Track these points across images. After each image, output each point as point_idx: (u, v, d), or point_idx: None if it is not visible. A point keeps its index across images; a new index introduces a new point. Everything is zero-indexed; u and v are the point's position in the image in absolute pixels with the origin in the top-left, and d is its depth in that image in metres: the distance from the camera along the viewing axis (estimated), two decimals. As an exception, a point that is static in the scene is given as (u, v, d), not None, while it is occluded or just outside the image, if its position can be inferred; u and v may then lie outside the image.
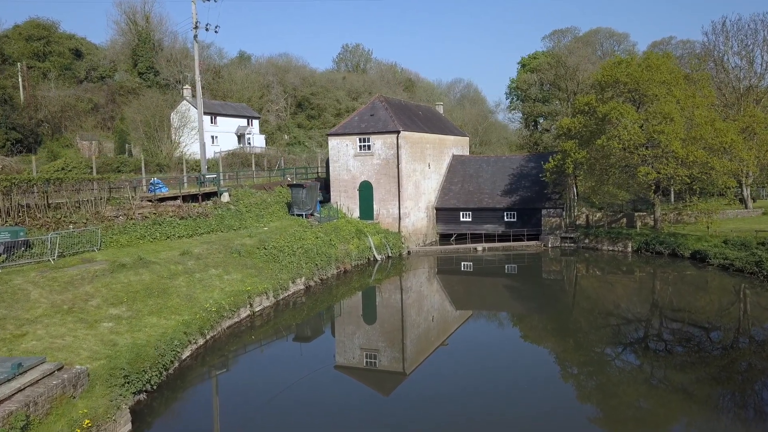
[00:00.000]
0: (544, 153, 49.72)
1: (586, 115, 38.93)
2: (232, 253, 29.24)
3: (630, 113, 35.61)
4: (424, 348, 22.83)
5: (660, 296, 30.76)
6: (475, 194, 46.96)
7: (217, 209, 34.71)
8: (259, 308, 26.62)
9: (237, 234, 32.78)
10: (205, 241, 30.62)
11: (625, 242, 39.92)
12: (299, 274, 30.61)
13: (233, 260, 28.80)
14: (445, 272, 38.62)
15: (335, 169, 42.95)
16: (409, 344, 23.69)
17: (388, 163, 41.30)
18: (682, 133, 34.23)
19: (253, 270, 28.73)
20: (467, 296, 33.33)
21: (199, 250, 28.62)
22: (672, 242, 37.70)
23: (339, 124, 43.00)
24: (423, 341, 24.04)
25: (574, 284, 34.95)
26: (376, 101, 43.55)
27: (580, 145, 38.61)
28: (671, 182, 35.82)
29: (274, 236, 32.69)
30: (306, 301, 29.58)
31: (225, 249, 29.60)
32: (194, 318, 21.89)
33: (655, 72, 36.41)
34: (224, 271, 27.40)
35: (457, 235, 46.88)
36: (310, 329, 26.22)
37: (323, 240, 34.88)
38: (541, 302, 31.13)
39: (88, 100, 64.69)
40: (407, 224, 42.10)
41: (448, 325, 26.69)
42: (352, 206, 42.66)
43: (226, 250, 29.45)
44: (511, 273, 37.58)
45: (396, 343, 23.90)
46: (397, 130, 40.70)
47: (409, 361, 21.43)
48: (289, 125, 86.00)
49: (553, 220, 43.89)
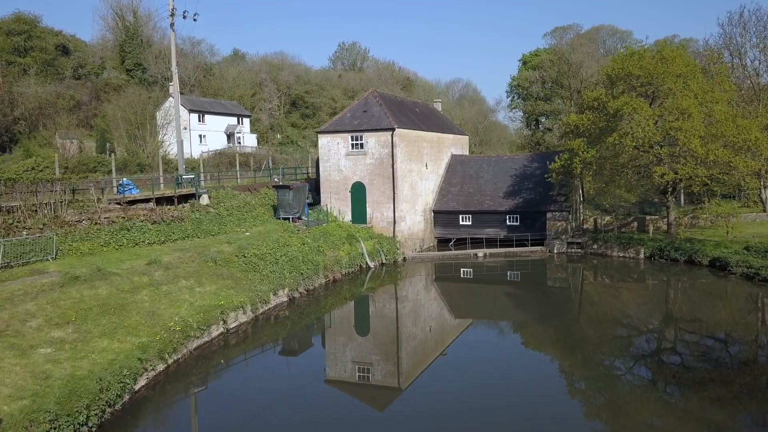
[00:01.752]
0: (548, 152, 46.94)
1: (595, 111, 36.10)
2: (206, 262, 26.35)
3: (644, 109, 32.79)
4: (421, 361, 21.25)
5: (675, 307, 28.42)
6: (476, 196, 44.11)
7: (194, 213, 31.84)
8: (235, 325, 23.72)
9: (215, 240, 29.88)
10: (179, 248, 27.72)
11: (637, 248, 37.07)
12: (282, 284, 27.71)
13: (208, 270, 25.91)
14: (443, 279, 35.87)
15: (325, 169, 40.08)
16: (405, 357, 22.01)
17: (383, 162, 38.43)
18: (702, 130, 31.40)
19: (230, 281, 25.84)
20: (467, 305, 30.91)
21: (169, 259, 25.73)
22: (688, 248, 34.85)
23: (330, 121, 40.17)
24: (420, 353, 22.39)
25: (581, 293, 32.46)
26: (370, 96, 40.71)
27: (588, 143, 35.77)
28: (690, 183, 32.94)
29: (256, 242, 29.80)
30: (290, 314, 26.71)
31: (199, 257, 26.71)
32: (154, 340, 18.99)
33: (670, 64, 33.61)
34: (196, 282, 24.51)
35: (456, 239, 44.02)
36: (297, 342, 24.13)
37: (310, 246, 31.99)
38: (546, 312, 28.63)
39: (70, 98, 61.76)
40: (403, 228, 39.24)
41: (446, 335, 24.76)
42: (343, 209, 39.79)
43: (201, 259, 26.55)
44: (513, 280, 34.91)
45: (391, 356, 22.13)
46: (392, 127, 37.86)
47: (404, 375, 20.03)
48: (282, 124, 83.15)
49: (558, 224, 41.02)
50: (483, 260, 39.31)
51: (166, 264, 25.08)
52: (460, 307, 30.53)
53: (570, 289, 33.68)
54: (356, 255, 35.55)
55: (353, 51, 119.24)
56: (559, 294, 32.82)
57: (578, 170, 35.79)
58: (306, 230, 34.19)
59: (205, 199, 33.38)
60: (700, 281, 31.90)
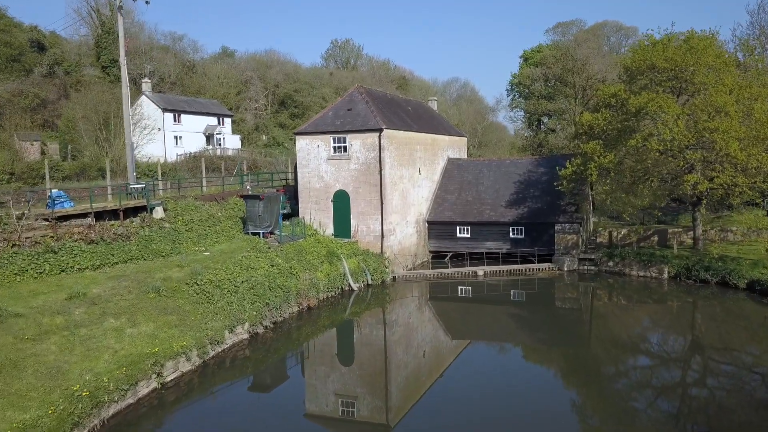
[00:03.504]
0: (556, 156, 42.19)
1: (613, 109, 31.35)
2: (147, 293, 21.54)
3: (671, 106, 28.04)
4: (413, 392, 19.09)
5: (704, 334, 24.94)
6: (475, 205, 39.31)
7: (144, 229, 27.00)
8: (174, 376, 18.87)
9: (165, 263, 25.04)
10: (117, 274, 22.90)
11: (660, 267, 32.31)
12: (241, 318, 22.87)
13: (148, 303, 21.09)
14: (438, 299, 31.43)
15: (304, 175, 35.25)
16: (394, 389, 19.68)
17: (369, 168, 33.63)
18: (741, 131, 26.67)
19: (175, 317, 21.00)
20: (464, 327, 27.79)
21: (99, 290, 20.92)
22: (720, 268, 30.11)
23: (309, 121, 35.33)
24: (411, 384, 20.12)
25: (593, 315, 28.93)
26: (355, 93, 35.89)
27: (605, 146, 31.01)
28: (727, 194, 28.14)
29: (215, 265, 24.98)
30: (251, 354, 21.92)
31: (139, 286, 21.89)
32: (44, 414, 14.13)
33: (701, 55, 28.89)
34: (129, 321, 19.67)
35: (452, 254, 39.25)
36: (270, 376, 21.18)
37: (281, 268, 27.16)
38: (555, 336, 25.80)
39: (34, 96, 56.79)
40: (392, 243, 34.44)
41: (441, 361, 22.23)
42: (324, 221, 34.98)
43: (141, 289, 21.74)
44: (518, 300, 30.47)
45: (378, 388, 19.72)
46: (380, 127, 33.07)
47: (394, 409, 18.01)
48: (267, 124, 78.25)
49: (569, 237, 36.26)
50: (484, 279, 34.56)
51: (94, 297, 20.26)
52: (457, 329, 27.37)
53: (581, 310, 29.52)
54: (337, 276, 30.74)
55: (346, 48, 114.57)
56: (569, 316, 29.01)
57: (594, 177, 31.05)
58: (278, 247, 29.39)
59: (159, 212, 28.56)
60: (734, 306, 27.47)
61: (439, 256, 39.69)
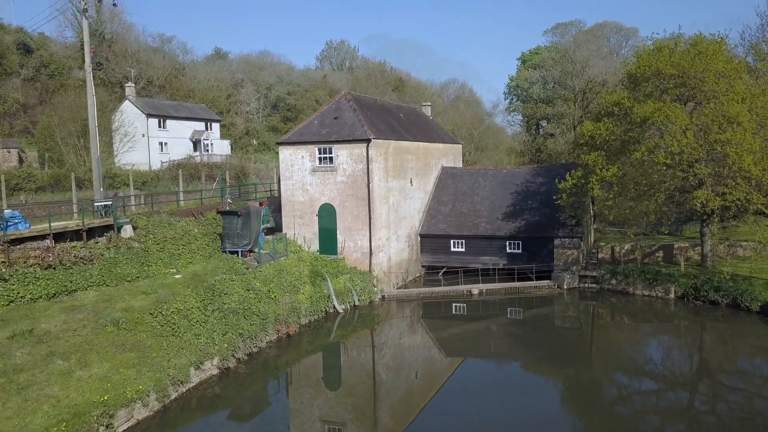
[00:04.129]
0: (555, 166, 40.14)
1: (616, 118, 29.31)
2: (105, 327, 19.51)
3: (680, 116, 26.00)
4: (403, 416, 18.33)
5: (713, 357, 22.85)
6: (470, 217, 37.27)
7: (110, 250, 24.92)
8: (128, 425, 16.82)
9: (130, 288, 23.00)
10: (73, 304, 20.85)
11: (666, 286, 30.31)
12: (209, 353, 20.81)
13: (104, 338, 19.05)
14: (430, 318, 29.60)
15: (288, 188, 33.19)
16: (384, 414, 18.91)
17: (356, 180, 31.59)
18: (755, 143, 24.65)
19: (134, 353, 18.95)
20: (458, 348, 26.14)
21: (50, 325, 18.88)
22: (731, 288, 28.10)
23: (293, 130, 33.25)
24: (402, 408, 19.26)
25: (592, 336, 26.84)
26: (342, 100, 33.82)
27: (607, 157, 29.00)
28: (742, 211, 26.15)
29: (184, 291, 22.92)
30: (221, 392, 19.89)
31: (96, 319, 19.86)
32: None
33: (711, 60, 26.87)
34: (80, 361, 17.63)
35: (446, 269, 37.22)
36: (250, 404, 19.58)
37: (258, 292, 25.11)
38: (554, 357, 24.36)
39: (14, 101, 54.67)
40: (381, 260, 32.41)
41: (432, 384, 21.26)
42: (309, 236, 32.93)
43: (97, 322, 19.70)
44: (515, 318, 28.17)
45: (367, 413, 18.93)
46: (367, 138, 31.04)
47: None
48: (259, 129, 76.17)
49: (569, 252, 34.23)
50: (479, 298, 32.53)
51: (42, 334, 18.23)
52: (451, 348, 26.02)
53: (582, 330, 27.73)
54: (320, 297, 28.69)
55: (341, 50, 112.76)
56: (568, 335, 27.10)
57: (596, 191, 29.03)
58: (257, 268, 27.33)
59: (128, 230, 26.49)
60: (746, 330, 25.65)
61: (432, 269, 37.68)
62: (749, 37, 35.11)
